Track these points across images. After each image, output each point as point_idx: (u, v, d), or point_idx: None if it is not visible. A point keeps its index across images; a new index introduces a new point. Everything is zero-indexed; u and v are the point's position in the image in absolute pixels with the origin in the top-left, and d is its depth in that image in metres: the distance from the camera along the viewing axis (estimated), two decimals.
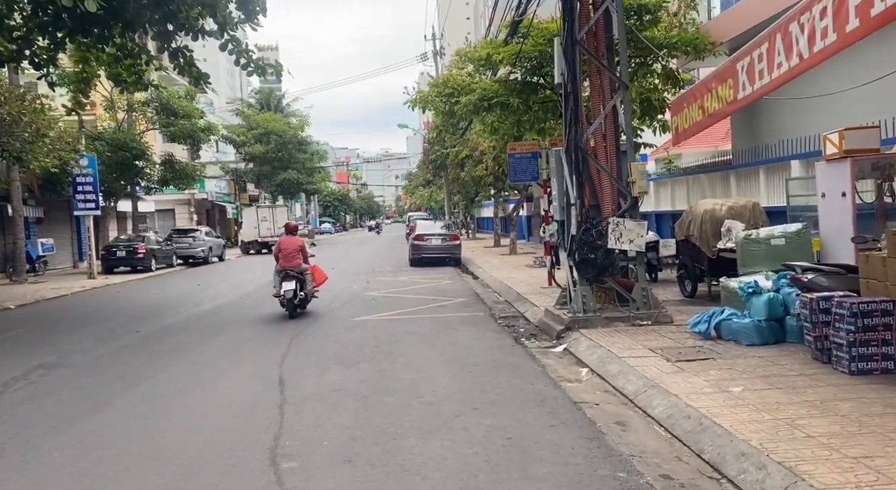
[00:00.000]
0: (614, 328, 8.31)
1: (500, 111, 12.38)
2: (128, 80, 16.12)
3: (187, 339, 9.71)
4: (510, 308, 11.77)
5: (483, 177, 22.00)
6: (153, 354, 8.55)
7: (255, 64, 14.20)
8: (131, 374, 7.36)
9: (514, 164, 13.45)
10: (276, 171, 46.31)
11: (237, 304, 13.71)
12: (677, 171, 17.45)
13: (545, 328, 9.19)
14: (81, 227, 30.38)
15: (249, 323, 10.97)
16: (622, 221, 8.55)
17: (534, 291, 12.78)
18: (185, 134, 26.48)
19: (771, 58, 5.47)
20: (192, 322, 11.40)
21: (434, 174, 39.96)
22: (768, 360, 6.29)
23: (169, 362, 8.00)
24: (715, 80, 6.15)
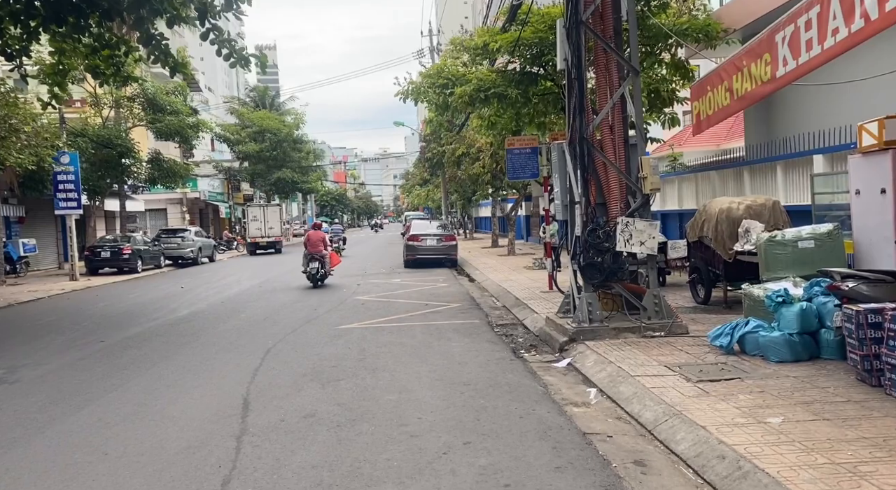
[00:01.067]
0: (624, 340, 7.47)
1: (497, 103, 11.54)
2: (106, 72, 15.31)
3: (154, 349, 8.85)
4: (508, 315, 10.93)
5: (480, 175, 21.17)
6: (111, 369, 7.69)
7: (237, 54, 13.35)
8: (79, 394, 6.50)
9: (513, 160, 12.61)
10: (271, 170, 45.41)
11: (216, 309, 12.85)
12: (683, 168, 16.62)
13: (547, 339, 8.35)
14: (65, 228, 29.61)
15: (225, 331, 10.12)
16: (632, 221, 7.71)
17: (533, 296, 11.94)
18: (172, 130, 25.59)
19: (823, 24, 4.65)
20: (165, 329, 10.55)
21: (431, 173, 39.08)
22: (805, 381, 5.46)
23: (126, 378, 7.14)
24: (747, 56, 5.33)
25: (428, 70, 12.18)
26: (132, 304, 14.42)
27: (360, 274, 19.47)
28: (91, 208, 26.12)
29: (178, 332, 10.28)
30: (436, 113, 12.78)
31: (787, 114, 11.09)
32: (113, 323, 11.72)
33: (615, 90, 8.19)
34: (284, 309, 12.34)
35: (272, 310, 12.28)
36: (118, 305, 14.45)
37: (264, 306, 12.87)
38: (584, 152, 7.91)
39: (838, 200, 8.87)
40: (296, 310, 12.16)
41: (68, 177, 21.48)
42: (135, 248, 24.46)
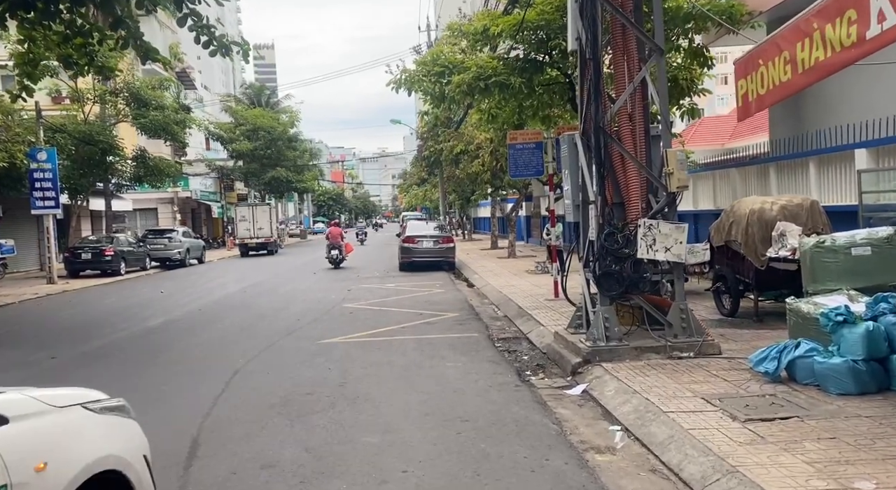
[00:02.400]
0: (647, 362, 6.42)
1: (498, 93, 10.47)
2: (79, 61, 14.24)
3: (108, 369, 7.78)
4: (510, 326, 9.87)
5: (479, 173, 20.12)
6: None
7: (218, 42, 12.26)
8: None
9: (515, 156, 11.55)
10: (265, 169, 44.32)
11: (192, 318, 11.78)
12: (694, 166, 15.56)
13: (556, 358, 7.28)
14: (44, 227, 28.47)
15: (195, 345, 9.05)
16: (655, 224, 6.65)
17: (538, 305, 10.88)
18: (157, 126, 24.46)
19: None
20: (129, 343, 9.48)
21: (428, 172, 38.02)
22: (884, 423, 4.40)
23: None
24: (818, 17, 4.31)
25: (423, 57, 11.11)
26: (104, 312, 13.35)
27: (353, 278, 18.39)
28: (73, 208, 25.00)
29: (142, 346, 9.20)
30: (432, 104, 11.70)
31: (820, 104, 10.05)
32: (75, 334, 10.65)
33: (635, 73, 7.13)
34: (265, 318, 11.27)
35: (252, 319, 11.20)
36: (88, 313, 13.37)
37: (244, 315, 11.80)
38: (601, 144, 6.85)
39: (885, 200, 7.83)
40: (278, 319, 11.09)
41: (45, 174, 20.36)
42: (118, 249, 23.37)
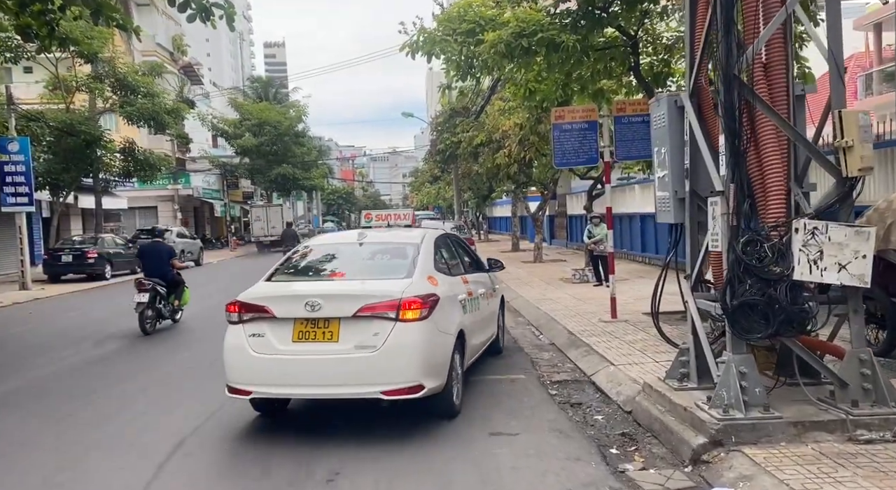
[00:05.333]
0: (817, 447, 4.02)
1: (545, 56, 8.08)
2: (40, 32, 12.03)
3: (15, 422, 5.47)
4: (563, 361, 7.46)
5: (503, 167, 17.75)
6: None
7: (196, 4, 9.95)
8: None
9: (562, 140, 9.16)
10: (271, 166, 42.15)
11: (157, 341, 9.47)
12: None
13: (654, 427, 4.87)
14: (34, 227, 26.35)
15: (141, 388, 6.71)
16: (822, 228, 4.24)
17: (593, 329, 8.48)
18: (146, 115, 22.25)
19: None
20: (58, 381, 7.18)
21: (442, 169, 35.61)
22: None
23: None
24: None
25: (447, 12, 8.75)
26: (58, 330, 11.08)
27: None
28: (56, 205, 22.87)
29: (73, 386, 6.89)
30: (456, 75, 9.30)
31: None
32: (9, 360, 8.38)
33: (772, 8, 4.71)
34: None
35: None
36: (38, 331, 11.12)
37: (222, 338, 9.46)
38: (739, 103, 4.42)
39: None
40: None
41: (17, 167, 18.21)
42: (102, 251, 21.20)
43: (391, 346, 4.77)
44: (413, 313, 4.86)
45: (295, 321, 4.91)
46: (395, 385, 4.77)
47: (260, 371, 4.93)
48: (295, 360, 4.87)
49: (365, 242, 5.98)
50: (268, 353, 4.89)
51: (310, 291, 5.07)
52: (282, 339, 4.91)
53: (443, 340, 5.15)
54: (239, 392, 5.02)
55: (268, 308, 4.97)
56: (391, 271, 5.51)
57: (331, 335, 4.85)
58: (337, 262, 5.87)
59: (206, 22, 10.37)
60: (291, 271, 5.82)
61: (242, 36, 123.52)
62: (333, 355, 4.81)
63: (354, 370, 4.79)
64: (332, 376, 4.83)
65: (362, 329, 4.82)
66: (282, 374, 4.89)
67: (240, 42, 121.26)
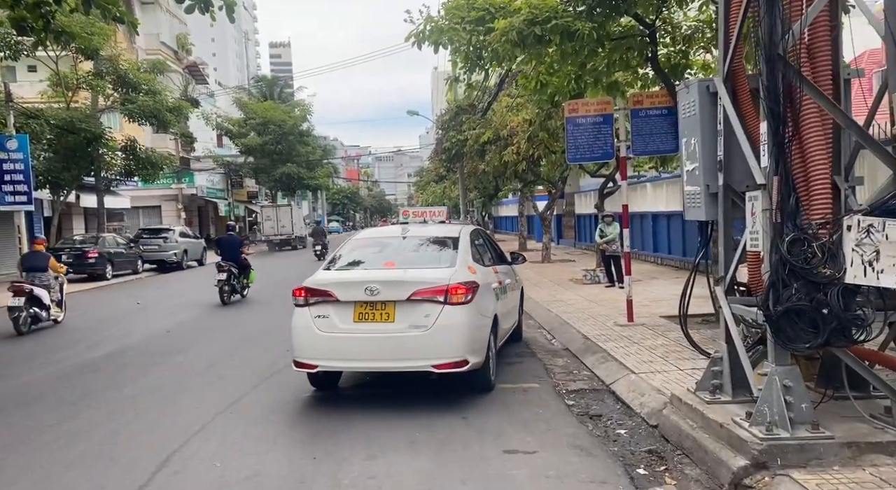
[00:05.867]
0: (877, 472, 3.57)
1: (559, 44, 7.63)
2: (35, 26, 11.68)
3: None
4: (579, 368, 7.01)
5: (510, 164, 17.29)
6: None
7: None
8: None
9: (575, 134, 8.72)
10: (275, 165, 41.81)
11: (151, 345, 9.07)
12: None
13: (685, 444, 4.43)
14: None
15: (129, 398, 6.30)
16: (878, 225, 3.78)
17: (608, 333, 8.04)
18: (147, 113, 21.88)
19: None
20: (54, 384, 6.79)
21: (447, 168, 35.16)
22: None
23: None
24: None
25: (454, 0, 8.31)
26: (52, 331, 10.71)
27: None
28: (56, 204, 22.55)
29: (61, 393, 6.48)
30: (464, 67, 8.86)
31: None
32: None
33: None
34: (243, 347, 8.54)
35: (225, 350, 8.47)
36: (34, 332, 10.74)
37: (218, 341, 9.09)
38: (783, 87, 3.97)
39: None
40: (259, 350, 8.36)
41: (16, 166, 17.86)
42: (103, 250, 20.85)
43: (440, 325, 5.41)
44: (459, 298, 5.49)
45: (355, 304, 5.53)
46: (444, 360, 5.40)
47: (325, 348, 5.56)
48: (356, 338, 5.51)
49: (408, 236, 6.59)
50: (332, 331, 5.52)
51: (369, 278, 5.68)
52: (344, 319, 5.53)
53: (483, 322, 5.82)
54: (305, 366, 5.64)
55: (332, 292, 5.60)
56: (435, 261, 6.15)
57: (387, 316, 5.49)
58: (386, 254, 6.40)
59: (206, 12, 9.97)
60: (347, 262, 6.33)
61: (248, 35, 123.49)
62: (390, 334, 5.45)
63: (409, 346, 5.43)
64: (389, 352, 5.47)
65: (415, 311, 5.46)
66: (345, 350, 5.53)
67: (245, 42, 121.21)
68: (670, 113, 8.58)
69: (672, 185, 16.69)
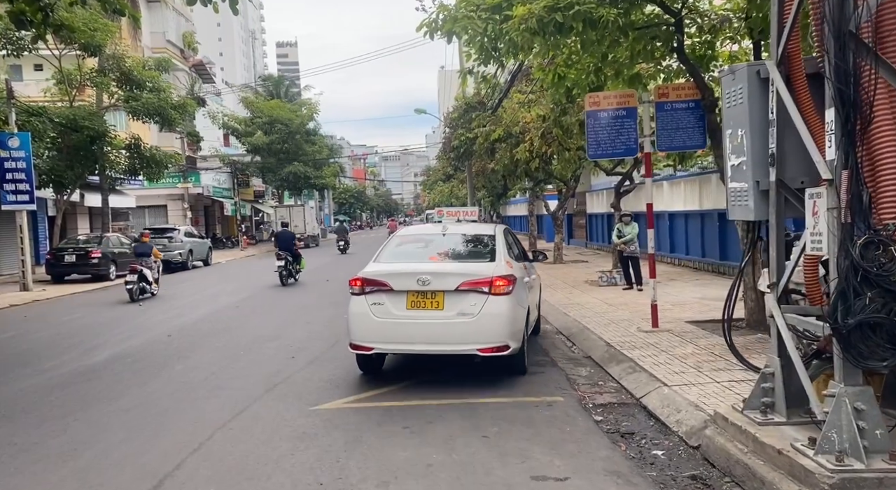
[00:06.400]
0: None
1: (580, 33, 7.16)
2: (34, 19, 11.34)
3: None
4: (605, 378, 6.54)
5: (521, 162, 16.80)
6: None
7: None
8: None
9: (596, 128, 8.25)
10: (282, 164, 41.46)
11: (152, 350, 8.66)
12: None
13: (737, 473, 3.95)
14: (40, 226, 25.79)
15: (123, 410, 5.88)
16: None
17: (632, 339, 7.56)
18: (151, 110, 21.51)
19: None
20: (43, 394, 6.38)
21: (455, 167, 34.65)
22: None
23: None
24: None
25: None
26: (49, 336, 10.33)
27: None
28: (60, 203, 22.24)
29: (49, 405, 6.07)
30: (478, 58, 8.40)
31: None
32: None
33: None
34: (247, 355, 8.11)
35: (228, 356, 8.05)
36: (29, 336, 10.37)
37: (222, 347, 8.66)
38: (852, 69, 3.49)
39: None
40: (264, 357, 7.93)
41: (18, 164, 17.56)
42: (106, 250, 20.50)
43: (485, 313, 5.97)
44: (501, 289, 6.05)
45: (408, 293, 6.08)
46: (489, 344, 5.97)
47: (380, 332, 6.12)
48: (409, 324, 6.06)
49: (448, 233, 7.15)
50: (387, 318, 6.08)
51: (420, 270, 6.22)
52: (398, 306, 6.09)
53: (520, 312, 6.39)
54: (361, 349, 6.23)
55: (387, 282, 6.15)
56: (476, 256, 6.80)
57: (437, 304, 6.05)
58: (430, 249, 6.99)
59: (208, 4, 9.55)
60: (394, 255, 6.88)
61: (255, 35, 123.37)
62: (440, 320, 6.03)
63: (457, 332, 6.01)
64: (439, 336, 6.05)
65: (462, 300, 6.02)
66: (398, 334, 6.09)
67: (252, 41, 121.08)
68: (697, 106, 8.10)
69: (690, 184, 16.17)
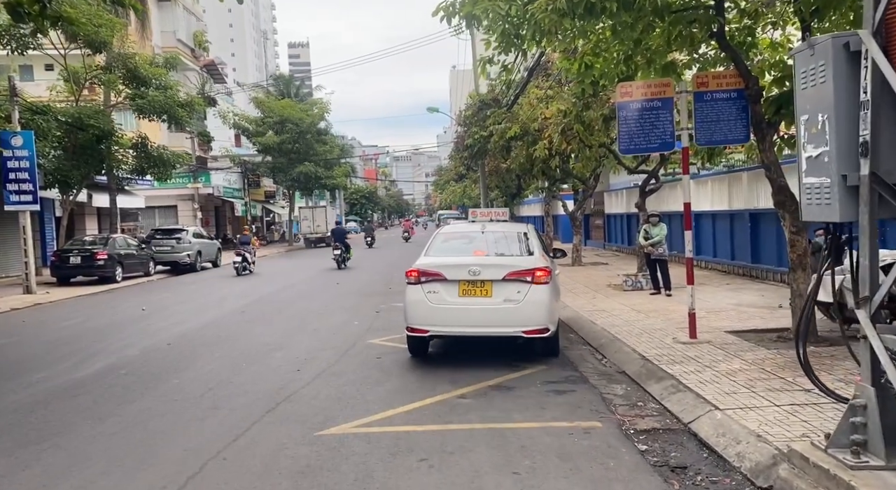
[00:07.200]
0: None
1: (613, 15, 6.49)
2: (31, 10, 10.86)
3: None
4: (644, 398, 5.85)
5: (540, 160, 16.11)
6: None
7: None
8: None
9: (627, 121, 7.57)
10: (293, 164, 40.99)
11: (149, 360, 8.08)
12: None
13: None
14: (47, 227, 25.43)
15: (115, 430, 5.28)
16: None
17: (672, 353, 6.86)
18: (158, 108, 21.04)
19: None
20: (24, 412, 5.80)
21: (468, 166, 33.97)
22: None
23: None
24: None
25: None
26: (49, 341, 9.82)
27: (382, 291, 14.58)
28: (65, 204, 21.82)
29: (28, 426, 5.48)
30: (499, 46, 7.73)
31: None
32: None
33: None
34: (249, 367, 7.50)
35: (229, 368, 7.45)
36: (27, 343, 9.86)
37: (223, 357, 8.07)
38: None
39: None
40: (267, 369, 7.32)
41: (21, 163, 17.14)
42: (113, 252, 20.07)
43: (529, 300, 6.78)
44: (541, 279, 6.86)
45: (460, 282, 6.91)
46: (532, 327, 6.78)
47: (435, 317, 6.94)
48: (461, 309, 6.88)
49: (486, 231, 7.99)
50: (441, 304, 6.91)
51: (471, 262, 7.05)
52: (451, 294, 6.92)
53: (556, 299, 7.38)
54: (418, 331, 7.05)
55: (441, 273, 6.98)
56: (516, 250, 7.59)
57: (486, 292, 6.88)
58: (474, 244, 7.80)
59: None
60: (442, 250, 7.72)
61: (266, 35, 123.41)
62: (489, 306, 6.85)
63: (504, 316, 6.81)
64: (488, 320, 6.88)
65: (508, 288, 6.83)
66: (452, 318, 6.91)
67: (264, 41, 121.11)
68: (740, 96, 7.41)
69: (717, 182, 15.41)
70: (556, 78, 17.17)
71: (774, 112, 7.27)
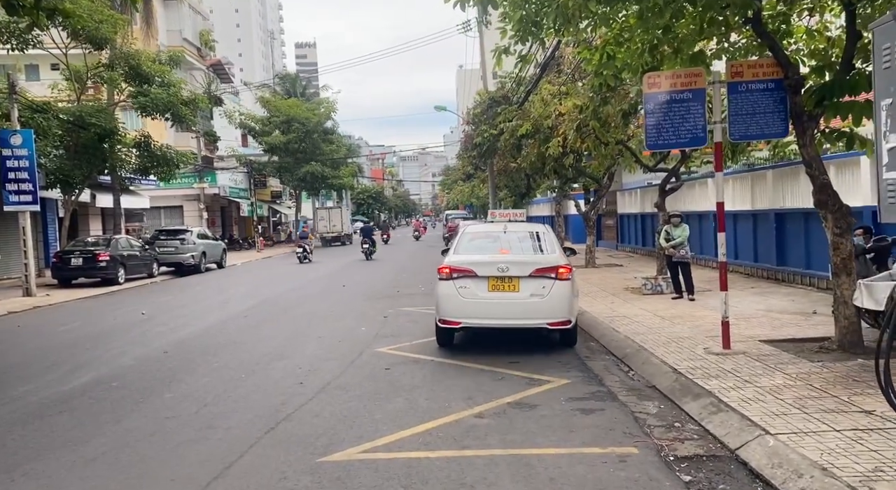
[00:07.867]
0: None
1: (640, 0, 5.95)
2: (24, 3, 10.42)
3: None
4: (679, 417, 5.29)
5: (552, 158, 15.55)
6: None
7: None
8: None
9: (656, 115, 7.02)
10: (299, 164, 40.57)
11: (143, 370, 7.59)
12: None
13: None
14: (50, 228, 25.07)
15: (94, 456, 4.78)
16: None
17: (707, 366, 6.31)
18: (161, 106, 20.60)
19: None
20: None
21: (475, 166, 33.41)
22: None
23: None
24: None
25: None
26: (38, 349, 9.35)
27: (390, 294, 14.06)
28: (67, 203, 21.43)
29: (2, 448, 4.99)
30: (515, 34, 7.20)
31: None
32: None
33: None
34: (249, 378, 6.99)
35: (227, 380, 6.94)
36: (18, 350, 9.41)
37: (222, 368, 7.57)
38: None
39: None
40: (268, 381, 6.81)
41: (21, 163, 16.71)
42: (115, 253, 19.63)
43: (553, 295, 7.28)
44: (564, 275, 7.35)
45: (489, 278, 7.38)
46: (556, 319, 7.31)
47: (466, 310, 7.42)
48: (491, 303, 7.37)
49: (508, 231, 8.40)
50: (472, 298, 7.40)
51: (500, 260, 7.50)
52: (481, 289, 7.40)
53: (576, 294, 7.81)
54: (450, 323, 7.55)
55: (472, 269, 7.47)
56: (537, 249, 8.06)
57: (514, 287, 7.35)
58: (498, 243, 8.22)
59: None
60: (469, 248, 8.18)
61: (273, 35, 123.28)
62: (516, 300, 7.34)
63: (530, 310, 7.32)
64: (515, 313, 7.38)
65: (534, 284, 7.32)
66: (482, 311, 7.40)
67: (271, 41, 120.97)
68: (778, 87, 6.84)
69: (738, 181, 14.80)
70: (568, 74, 16.61)
71: (816, 104, 6.70)
